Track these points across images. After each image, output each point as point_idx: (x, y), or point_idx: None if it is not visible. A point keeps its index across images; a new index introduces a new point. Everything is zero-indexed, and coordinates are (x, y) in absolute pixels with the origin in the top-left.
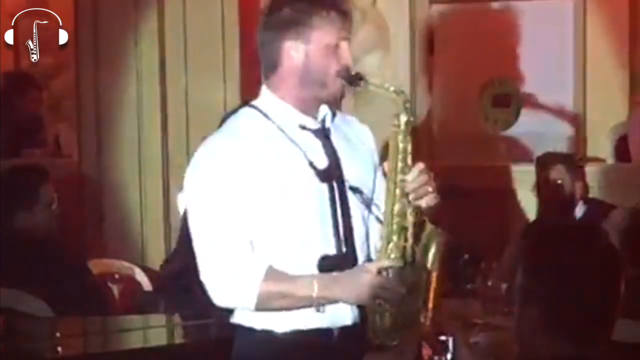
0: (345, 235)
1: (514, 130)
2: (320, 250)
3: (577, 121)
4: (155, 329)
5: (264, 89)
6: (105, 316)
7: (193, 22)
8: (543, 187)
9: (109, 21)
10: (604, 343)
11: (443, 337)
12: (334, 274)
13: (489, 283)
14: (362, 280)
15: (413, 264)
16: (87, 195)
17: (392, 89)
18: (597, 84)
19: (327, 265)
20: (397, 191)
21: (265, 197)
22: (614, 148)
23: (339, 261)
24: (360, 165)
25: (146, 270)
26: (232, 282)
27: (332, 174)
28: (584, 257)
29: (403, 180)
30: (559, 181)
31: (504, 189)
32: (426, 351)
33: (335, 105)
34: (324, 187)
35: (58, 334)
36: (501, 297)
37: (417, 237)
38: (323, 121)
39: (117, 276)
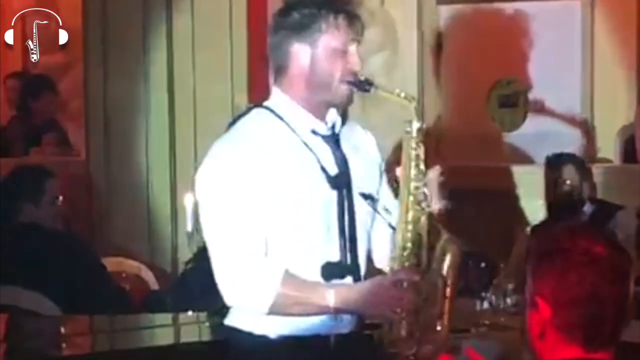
0: (350, 243)
1: (521, 131)
2: (324, 256)
3: (585, 122)
4: (161, 328)
5: (275, 90)
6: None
7: (201, 23)
8: (552, 187)
9: (117, 21)
10: (614, 344)
11: None
12: (349, 285)
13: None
14: (379, 293)
15: (428, 273)
16: (94, 194)
17: (402, 94)
18: (605, 85)
19: (330, 272)
20: (411, 198)
21: (277, 200)
22: (621, 149)
23: (342, 269)
24: (367, 173)
25: (153, 269)
26: (250, 285)
27: (342, 181)
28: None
29: (417, 187)
30: (568, 182)
31: (512, 189)
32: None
33: (342, 109)
34: (334, 194)
35: (63, 332)
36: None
37: (432, 245)
38: (333, 127)
39: (124, 275)
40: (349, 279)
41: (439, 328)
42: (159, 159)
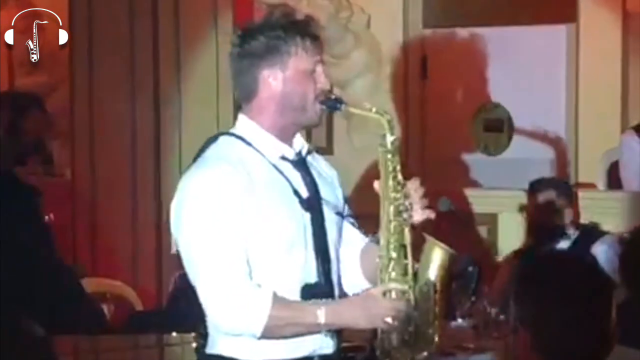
0: (325, 264)
1: (505, 155)
2: (303, 278)
3: (569, 147)
4: (145, 349)
5: (241, 117)
6: (96, 335)
7: (186, 38)
8: (534, 212)
9: (104, 40)
10: None
11: None
12: (338, 300)
13: (481, 307)
14: (370, 305)
15: (416, 281)
16: (79, 214)
17: (374, 110)
18: (590, 109)
19: (310, 293)
20: (392, 209)
21: (256, 224)
22: (606, 174)
23: (320, 290)
24: (333, 196)
25: (137, 289)
26: (241, 310)
27: (314, 204)
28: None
29: (397, 198)
30: (551, 207)
31: (496, 213)
32: None
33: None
34: (307, 216)
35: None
36: (492, 321)
37: (417, 254)
38: (300, 153)
39: (108, 295)
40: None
41: (430, 333)
42: (144, 179)
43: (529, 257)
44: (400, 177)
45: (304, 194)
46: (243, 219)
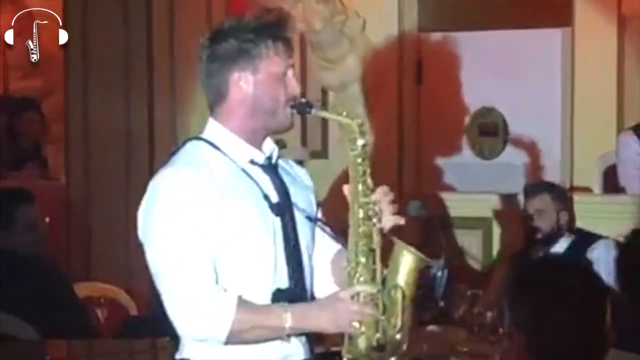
0: (297, 269)
1: (500, 159)
2: (274, 283)
3: (565, 150)
4: (140, 354)
5: (211, 121)
6: (90, 340)
7: (181, 41)
8: (529, 216)
9: (98, 45)
10: None
11: None
12: (305, 304)
13: (475, 311)
14: (338, 308)
15: (384, 285)
16: (73, 218)
17: (344, 114)
18: (585, 113)
19: (281, 298)
20: (361, 213)
21: (222, 228)
22: (602, 178)
23: (291, 295)
24: (304, 200)
25: (132, 294)
26: (204, 315)
27: (284, 208)
28: (570, 288)
29: (366, 203)
30: (542, 211)
31: (491, 217)
32: None
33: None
34: (278, 220)
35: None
36: (487, 326)
37: (385, 258)
38: (270, 157)
39: (102, 300)
40: None
41: (398, 338)
42: (138, 183)
43: (523, 261)
44: (369, 181)
45: (274, 198)
46: (208, 223)
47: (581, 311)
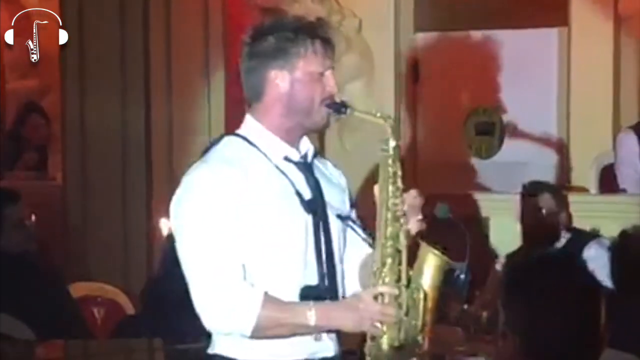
0: (328, 267)
1: (497, 159)
2: (303, 280)
3: (561, 150)
4: (137, 353)
5: (248, 118)
6: (83, 339)
7: (177, 41)
8: (527, 215)
9: (95, 44)
10: None
11: None
12: (330, 302)
13: (472, 310)
14: (361, 308)
15: (408, 287)
16: (70, 218)
17: (379, 114)
18: (581, 113)
19: (309, 295)
20: (389, 214)
21: (254, 224)
22: (598, 177)
23: (321, 292)
24: (340, 199)
25: (129, 293)
26: (230, 309)
27: (316, 205)
28: (563, 288)
29: (395, 204)
30: (544, 210)
31: (488, 217)
32: None
33: (319, 133)
34: (309, 218)
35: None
36: (483, 325)
37: (411, 259)
38: (305, 156)
39: (99, 299)
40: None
41: (420, 341)
42: (135, 184)
43: (517, 261)
44: (399, 182)
45: (307, 195)
46: (238, 218)
47: (575, 310)
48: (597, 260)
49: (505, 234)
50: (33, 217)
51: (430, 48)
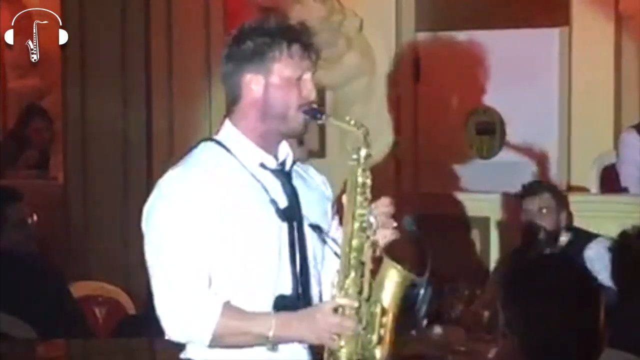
0: (302, 276)
1: (497, 158)
2: (276, 289)
3: (561, 150)
4: (138, 353)
5: (226, 122)
6: (85, 338)
7: (178, 41)
8: (527, 215)
9: (96, 43)
10: None
11: None
12: (290, 313)
13: (473, 310)
14: (318, 319)
15: (369, 300)
16: (71, 218)
17: (352, 122)
18: (582, 113)
19: (282, 304)
20: (356, 225)
21: (226, 232)
22: (599, 178)
23: (295, 301)
24: (318, 207)
25: (130, 293)
26: (188, 317)
27: (292, 214)
28: (562, 288)
29: (362, 214)
30: (544, 210)
31: (489, 216)
32: None
33: (298, 139)
34: (284, 226)
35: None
36: (484, 325)
37: (374, 272)
38: (283, 163)
39: (100, 299)
40: None
41: (377, 354)
42: (136, 183)
43: (517, 261)
44: (368, 193)
45: (282, 203)
46: (209, 225)
47: (575, 310)
48: (597, 261)
49: (505, 234)
50: (34, 217)
51: (431, 48)
